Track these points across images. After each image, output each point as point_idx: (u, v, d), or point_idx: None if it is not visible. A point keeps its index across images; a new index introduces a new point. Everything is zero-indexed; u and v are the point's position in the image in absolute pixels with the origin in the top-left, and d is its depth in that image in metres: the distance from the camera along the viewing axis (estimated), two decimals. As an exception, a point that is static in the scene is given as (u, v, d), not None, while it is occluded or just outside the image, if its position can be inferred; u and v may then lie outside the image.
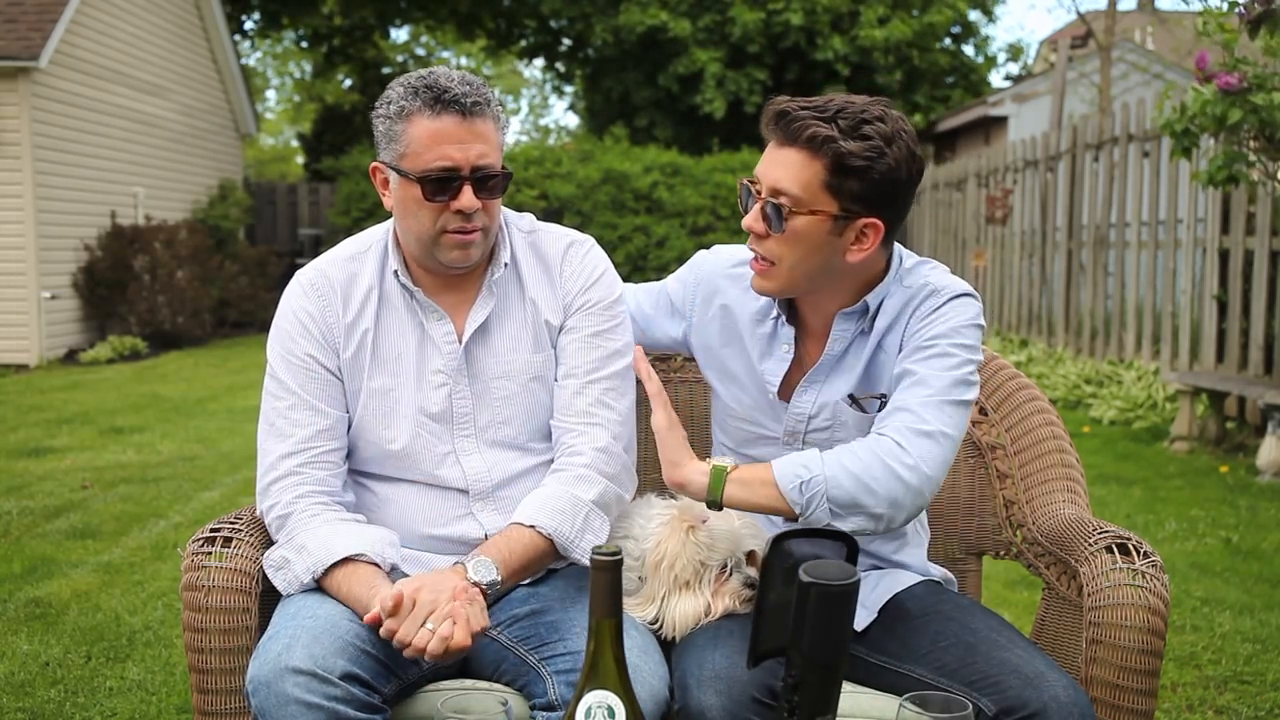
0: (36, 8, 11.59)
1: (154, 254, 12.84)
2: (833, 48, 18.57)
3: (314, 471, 1.98)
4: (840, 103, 1.83)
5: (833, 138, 1.79)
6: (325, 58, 23.40)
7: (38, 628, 3.95)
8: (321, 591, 1.89)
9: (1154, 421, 7.74)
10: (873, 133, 1.80)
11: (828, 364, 1.99)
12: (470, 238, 1.96)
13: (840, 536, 1.61)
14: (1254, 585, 4.44)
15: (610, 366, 2.07)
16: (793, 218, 1.84)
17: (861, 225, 1.85)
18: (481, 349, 2.05)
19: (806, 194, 1.82)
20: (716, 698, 1.74)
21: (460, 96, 1.90)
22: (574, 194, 15.97)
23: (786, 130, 1.83)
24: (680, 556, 1.93)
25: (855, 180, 1.81)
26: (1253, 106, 5.41)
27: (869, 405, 1.97)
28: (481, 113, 1.92)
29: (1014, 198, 11.46)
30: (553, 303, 2.08)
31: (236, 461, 6.73)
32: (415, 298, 2.03)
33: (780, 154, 1.85)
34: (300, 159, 28.51)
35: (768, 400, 2.03)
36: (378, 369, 2.03)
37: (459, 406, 2.03)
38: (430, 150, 1.90)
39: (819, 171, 1.81)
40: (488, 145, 1.93)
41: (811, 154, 1.81)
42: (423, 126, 1.91)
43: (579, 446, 2.02)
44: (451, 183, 1.91)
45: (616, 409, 2.06)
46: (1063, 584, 2.09)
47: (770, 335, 2.03)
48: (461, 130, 1.91)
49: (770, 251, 1.89)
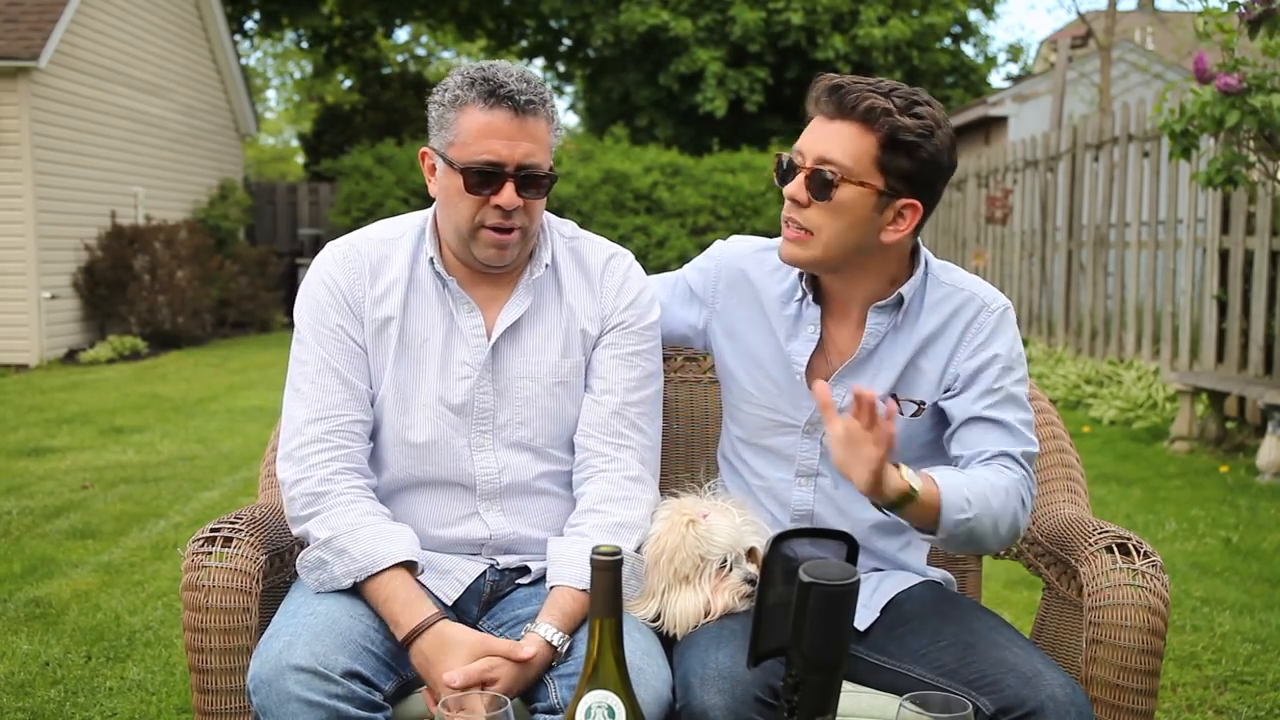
0: (36, 8, 11.60)
1: (154, 254, 12.84)
2: (833, 47, 18.58)
3: (342, 442, 1.95)
4: (891, 83, 1.88)
5: (890, 110, 1.83)
6: (325, 58, 23.40)
7: (38, 628, 3.95)
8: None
9: (1154, 421, 7.74)
10: (925, 113, 1.86)
11: (862, 357, 1.99)
12: (507, 238, 1.95)
13: (840, 536, 1.61)
14: (1254, 585, 4.44)
15: (648, 388, 2.07)
16: (842, 186, 1.86)
17: (901, 205, 1.89)
18: (510, 347, 2.03)
19: (858, 166, 1.86)
20: (719, 697, 1.74)
21: (515, 93, 1.89)
22: (574, 194, 15.97)
23: (840, 103, 1.86)
24: (680, 550, 1.92)
25: (905, 157, 1.85)
26: (1251, 108, 5.41)
27: (905, 408, 1.98)
28: (535, 112, 1.92)
29: (1014, 198, 11.46)
30: (591, 311, 2.07)
31: (236, 461, 6.73)
32: (448, 287, 2.02)
33: (832, 126, 1.87)
34: (300, 159, 28.51)
35: (792, 383, 2.03)
36: (403, 355, 2.02)
37: (480, 402, 2.02)
38: (478, 143, 1.90)
39: (871, 145, 1.85)
40: (536, 145, 1.92)
41: (866, 127, 1.85)
42: (474, 118, 1.91)
43: (613, 475, 1.99)
44: (495, 178, 1.91)
45: (648, 433, 2.06)
46: (1063, 584, 2.09)
47: (796, 316, 2.05)
48: (512, 127, 1.90)
49: (810, 220, 1.91)
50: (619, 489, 1.98)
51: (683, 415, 2.42)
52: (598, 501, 1.98)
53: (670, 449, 2.37)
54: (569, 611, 1.85)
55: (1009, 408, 1.95)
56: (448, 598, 1.99)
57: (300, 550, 1.93)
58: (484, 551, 2.06)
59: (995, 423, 1.94)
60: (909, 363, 1.98)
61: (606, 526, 1.95)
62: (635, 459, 2.02)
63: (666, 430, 2.29)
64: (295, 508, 1.93)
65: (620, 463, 2.01)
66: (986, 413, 1.94)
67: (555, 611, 1.85)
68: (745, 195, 16.20)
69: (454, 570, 2.03)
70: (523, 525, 2.05)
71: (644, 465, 2.03)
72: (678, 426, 2.40)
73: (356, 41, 23.31)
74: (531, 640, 1.81)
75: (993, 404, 1.94)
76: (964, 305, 1.98)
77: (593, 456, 2.02)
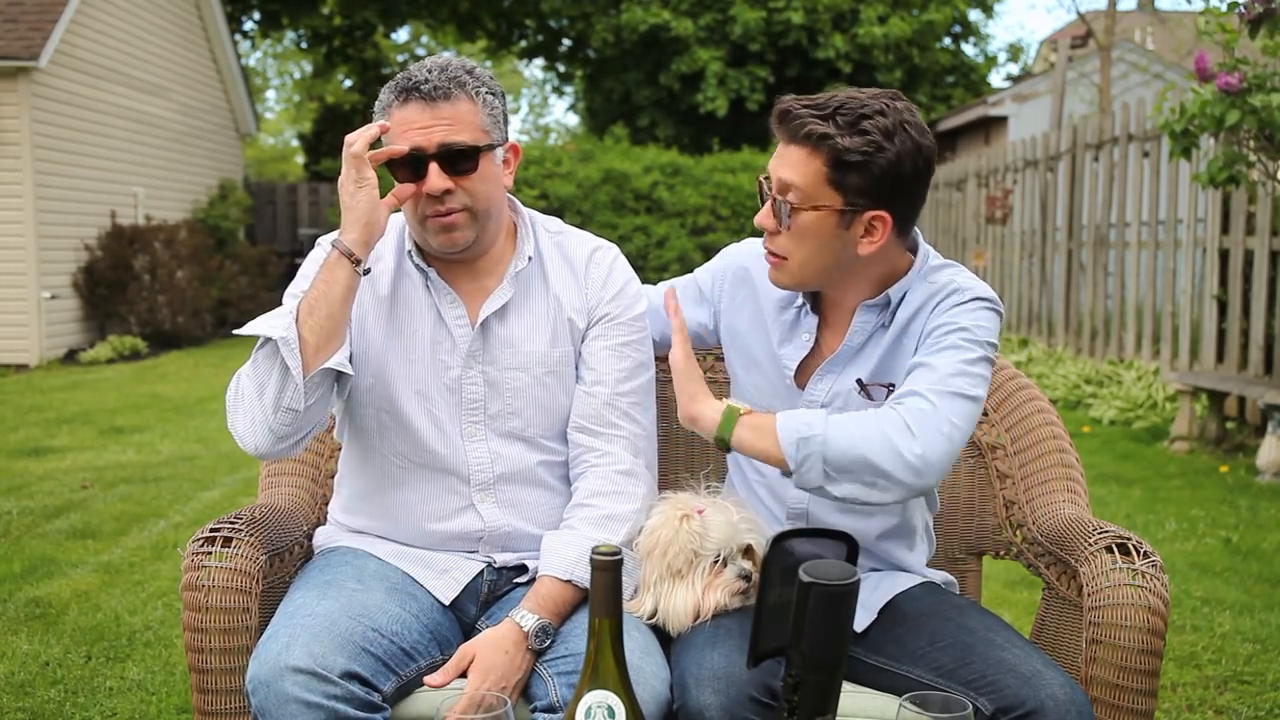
0: (36, 8, 11.60)
1: (154, 254, 12.84)
2: (834, 46, 18.59)
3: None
4: (842, 99, 1.85)
5: (828, 134, 1.81)
6: (325, 58, 23.41)
7: (38, 628, 3.95)
8: (324, 590, 1.89)
9: (1154, 421, 7.74)
10: (871, 127, 1.81)
11: (846, 354, 2.00)
12: (449, 219, 1.96)
13: (840, 536, 1.61)
14: (1254, 585, 4.44)
15: (639, 378, 2.09)
16: (798, 214, 1.86)
17: (869, 218, 1.86)
18: (498, 338, 2.06)
19: (811, 189, 1.85)
20: (715, 697, 1.74)
21: (423, 83, 1.93)
22: (574, 194, 15.97)
23: (789, 128, 1.86)
24: (673, 544, 1.92)
25: (856, 175, 1.83)
26: (1251, 108, 5.42)
27: (876, 393, 1.98)
28: (447, 95, 1.93)
29: (1014, 198, 11.46)
30: (577, 303, 2.09)
31: (236, 461, 6.73)
32: (429, 278, 2.05)
33: (786, 152, 1.88)
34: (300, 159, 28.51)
35: (785, 385, 2.04)
36: (394, 338, 2.04)
37: (469, 392, 2.04)
38: (399, 138, 1.94)
39: (820, 168, 1.83)
40: (455, 124, 1.94)
41: (811, 150, 1.83)
42: (395, 118, 1.96)
43: (603, 470, 2.02)
44: (418, 165, 1.93)
45: (642, 423, 2.08)
46: (1063, 584, 2.09)
47: (793, 323, 2.06)
48: (425, 115, 1.93)
49: (780, 247, 1.92)
50: (609, 483, 2.00)
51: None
52: (588, 496, 2.01)
53: (673, 447, 2.37)
54: (546, 596, 1.89)
55: (944, 355, 1.87)
56: (445, 597, 2.00)
57: (299, 550, 1.93)
58: (480, 547, 2.07)
59: (920, 365, 1.88)
60: (887, 350, 1.97)
61: (595, 519, 1.97)
62: (628, 450, 2.04)
63: (669, 428, 2.30)
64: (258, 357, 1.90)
65: (612, 456, 2.03)
66: (919, 359, 1.89)
67: (532, 596, 1.89)
68: (745, 195, 16.19)
69: (452, 569, 2.03)
70: (517, 518, 2.06)
71: (637, 456, 2.04)
72: (679, 425, 2.39)
73: (356, 41, 23.31)
74: (503, 621, 1.86)
75: (927, 352, 1.89)
76: (941, 289, 1.95)
77: (586, 451, 2.05)
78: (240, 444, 1.93)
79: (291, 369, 1.83)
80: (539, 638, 1.85)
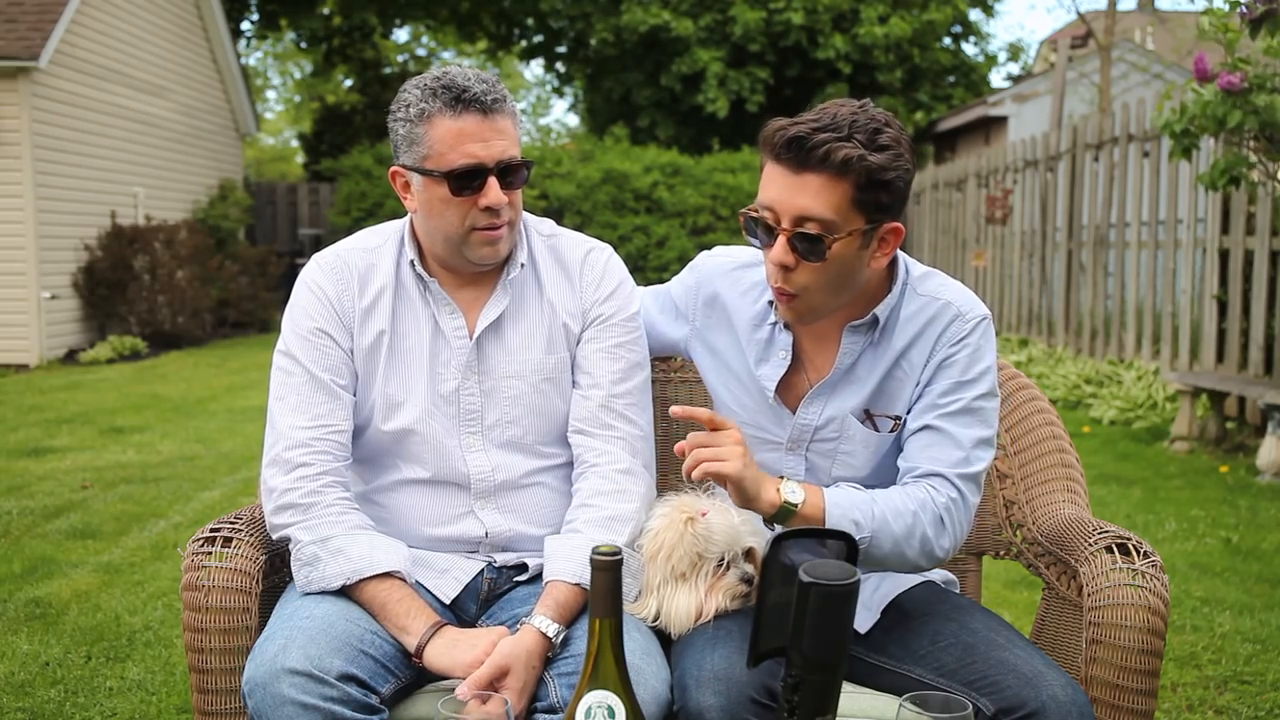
0: (36, 8, 11.60)
1: (154, 254, 12.84)
2: (834, 46, 18.58)
3: (330, 450, 1.96)
4: (845, 115, 1.78)
5: (861, 155, 1.74)
6: (324, 58, 23.39)
7: (38, 628, 3.95)
8: (322, 592, 1.89)
9: (1154, 421, 7.74)
10: (889, 140, 1.78)
11: (836, 377, 1.97)
12: (497, 233, 1.97)
13: (840, 536, 1.61)
14: (1254, 585, 4.43)
15: (634, 379, 2.08)
16: (833, 245, 1.79)
17: (884, 232, 1.84)
18: (494, 347, 2.05)
19: (840, 216, 1.77)
20: (715, 698, 1.74)
21: (480, 95, 1.91)
22: (574, 194, 15.97)
23: (806, 156, 1.75)
24: (678, 547, 1.92)
25: (884, 192, 1.78)
26: (1253, 108, 5.41)
27: (882, 424, 1.96)
28: (500, 109, 1.93)
29: (1014, 198, 11.46)
30: (571, 306, 2.08)
31: (236, 461, 6.73)
32: (430, 289, 2.04)
33: (800, 180, 1.77)
34: (300, 159, 28.50)
35: (768, 405, 2.03)
36: (395, 368, 2.03)
37: (467, 403, 2.03)
38: (454, 150, 1.91)
39: (847, 190, 1.76)
40: (508, 140, 1.94)
41: (834, 175, 1.75)
42: (444, 127, 1.91)
43: (603, 469, 2.01)
44: (478, 179, 1.92)
45: (639, 423, 2.07)
46: (1063, 584, 2.09)
47: (767, 341, 2.02)
48: (483, 128, 1.91)
49: (798, 283, 1.83)
50: (610, 483, 2.00)
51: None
52: (590, 496, 2.00)
53: (671, 449, 2.36)
54: (563, 603, 1.87)
55: (961, 420, 1.89)
56: (446, 596, 2.00)
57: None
58: (481, 549, 2.06)
59: (940, 434, 1.89)
60: (886, 375, 1.95)
61: (598, 520, 1.96)
62: (626, 450, 2.03)
63: (667, 430, 2.29)
64: (283, 516, 1.93)
65: (611, 456, 2.02)
66: (934, 422, 1.90)
67: (549, 603, 1.86)
68: (745, 195, 16.19)
69: (451, 569, 2.03)
70: (519, 522, 2.06)
71: (635, 456, 2.04)
72: (678, 426, 2.39)
73: (356, 42, 23.29)
74: (527, 630, 1.82)
75: (943, 414, 1.90)
76: (939, 314, 1.93)
77: (585, 452, 2.04)
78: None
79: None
80: (561, 646, 1.84)
